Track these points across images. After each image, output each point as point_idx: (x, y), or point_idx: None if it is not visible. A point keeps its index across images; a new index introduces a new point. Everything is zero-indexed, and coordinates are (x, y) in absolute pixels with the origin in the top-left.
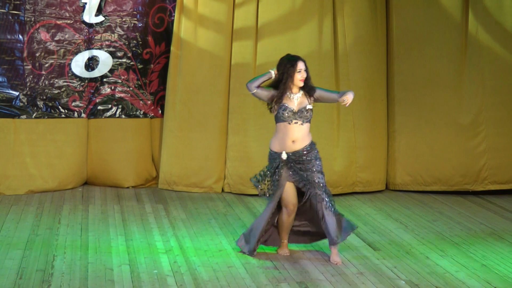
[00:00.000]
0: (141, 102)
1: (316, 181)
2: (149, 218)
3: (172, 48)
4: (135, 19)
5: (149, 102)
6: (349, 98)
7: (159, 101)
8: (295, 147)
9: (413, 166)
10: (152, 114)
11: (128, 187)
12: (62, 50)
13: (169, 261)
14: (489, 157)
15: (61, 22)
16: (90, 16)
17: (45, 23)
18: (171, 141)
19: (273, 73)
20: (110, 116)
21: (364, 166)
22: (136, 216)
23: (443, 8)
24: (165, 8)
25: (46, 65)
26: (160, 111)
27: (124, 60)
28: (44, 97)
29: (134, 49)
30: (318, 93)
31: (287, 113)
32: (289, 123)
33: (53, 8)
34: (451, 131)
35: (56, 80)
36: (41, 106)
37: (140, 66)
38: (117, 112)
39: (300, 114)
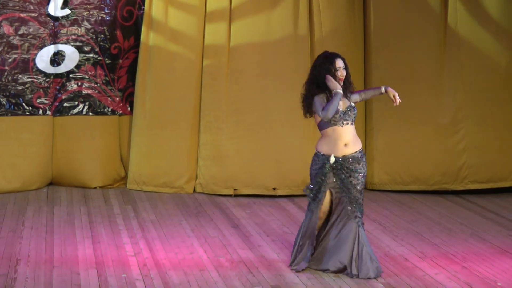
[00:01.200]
0: (109, 99)
1: (353, 196)
2: (117, 220)
3: (141, 42)
4: (103, 12)
5: (117, 98)
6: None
7: (128, 98)
8: (347, 151)
9: (391, 165)
10: (121, 111)
11: (95, 188)
12: (26, 45)
13: (138, 264)
14: (469, 155)
15: (25, 15)
16: (55, 9)
17: (8, 16)
18: (141, 140)
19: (340, 91)
20: (76, 114)
21: None
22: (104, 217)
23: (422, 0)
24: (134, 1)
25: (9, 60)
26: (129, 108)
27: (91, 55)
28: (7, 94)
29: (101, 43)
30: (354, 97)
31: (337, 116)
32: (341, 126)
33: (17, 0)
34: (430, 129)
35: (20, 76)
36: (4, 103)
37: (108, 61)
38: (84, 109)
39: (348, 113)
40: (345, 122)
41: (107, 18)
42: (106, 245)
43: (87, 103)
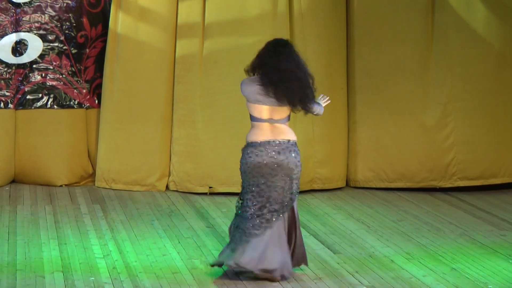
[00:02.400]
0: (75, 91)
1: None
2: (85, 220)
3: (109, 31)
4: None
5: (84, 91)
6: None
7: (96, 90)
8: None
9: (376, 161)
10: (88, 104)
11: (61, 186)
12: None
13: (107, 267)
14: (458, 150)
15: None
16: None
17: None
18: (109, 134)
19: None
20: (40, 107)
21: (323, 161)
22: (70, 217)
23: None
24: None
25: None
26: (96, 101)
27: (56, 44)
28: None
29: (67, 32)
30: None
31: None
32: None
33: None
34: (416, 123)
35: None
36: None
37: (74, 51)
38: (49, 102)
39: None
40: None
41: (73, 5)
42: (73, 246)
43: (51, 96)
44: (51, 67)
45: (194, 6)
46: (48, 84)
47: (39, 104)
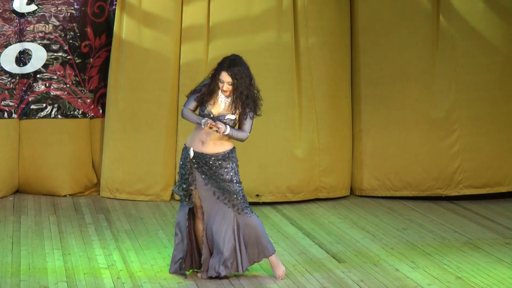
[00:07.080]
0: (79, 100)
1: (233, 190)
2: (89, 230)
3: (113, 40)
4: (72, 8)
5: (88, 100)
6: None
7: (100, 99)
8: (203, 149)
9: (381, 170)
10: (92, 114)
11: (65, 195)
12: None
13: (112, 278)
14: (464, 159)
15: None
16: (21, 4)
17: None
18: (114, 144)
19: (202, 122)
20: (44, 117)
21: (327, 169)
22: (75, 227)
23: None
24: None
25: None
26: (101, 111)
27: (60, 53)
28: None
29: (71, 41)
30: (242, 117)
31: (204, 116)
32: (203, 127)
33: None
34: (422, 131)
35: None
36: None
37: (78, 61)
38: (53, 112)
39: (217, 120)
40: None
41: (77, 14)
42: (77, 257)
43: (55, 105)
44: (55, 77)
45: (199, 8)
46: (52, 94)
47: (43, 114)
